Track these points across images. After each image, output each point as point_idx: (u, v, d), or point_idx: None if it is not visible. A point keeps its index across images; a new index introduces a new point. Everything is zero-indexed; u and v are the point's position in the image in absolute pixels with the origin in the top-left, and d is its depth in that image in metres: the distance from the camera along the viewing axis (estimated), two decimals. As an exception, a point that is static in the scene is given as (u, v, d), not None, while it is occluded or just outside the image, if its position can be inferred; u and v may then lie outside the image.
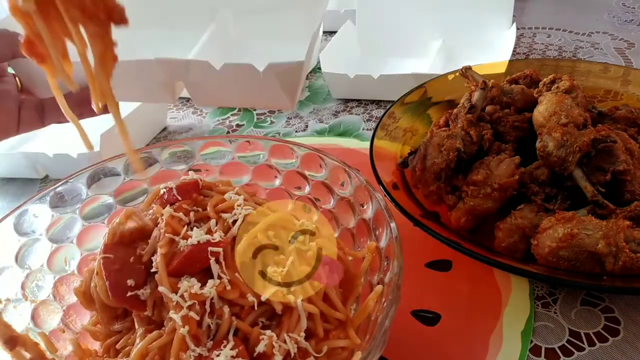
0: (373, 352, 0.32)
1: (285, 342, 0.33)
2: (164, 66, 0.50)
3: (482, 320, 0.45)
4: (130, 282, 0.36)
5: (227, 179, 0.50)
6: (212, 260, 0.35)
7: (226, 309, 0.34)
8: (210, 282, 0.34)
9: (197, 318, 0.33)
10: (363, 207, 0.44)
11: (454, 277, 0.50)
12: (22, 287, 0.42)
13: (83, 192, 0.49)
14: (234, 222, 0.39)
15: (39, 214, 0.46)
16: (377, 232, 0.41)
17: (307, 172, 0.50)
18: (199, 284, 0.34)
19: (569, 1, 1.17)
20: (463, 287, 0.48)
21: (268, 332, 0.34)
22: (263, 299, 0.34)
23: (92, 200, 0.49)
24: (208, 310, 0.33)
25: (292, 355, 0.33)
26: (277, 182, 0.51)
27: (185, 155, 0.52)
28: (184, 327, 0.32)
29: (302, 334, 0.34)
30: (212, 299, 0.34)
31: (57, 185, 0.47)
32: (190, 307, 0.33)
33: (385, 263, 0.38)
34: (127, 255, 0.37)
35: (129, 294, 0.36)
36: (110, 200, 0.50)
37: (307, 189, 0.50)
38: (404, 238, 0.38)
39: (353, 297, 0.40)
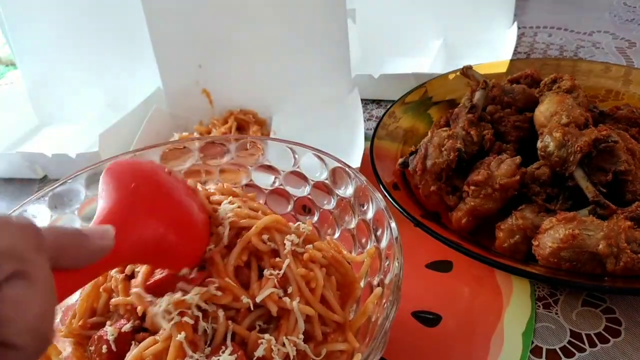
0: (373, 353, 0.31)
1: (284, 345, 0.33)
2: None
3: (483, 321, 0.45)
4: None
5: (227, 185, 0.49)
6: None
7: (221, 313, 0.33)
8: (195, 288, 0.34)
9: (192, 322, 0.32)
10: (363, 207, 0.44)
11: (455, 278, 0.50)
12: (21, 288, 0.42)
13: (82, 193, 0.48)
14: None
15: (38, 214, 0.46)
16: (378, 233, 0.41)
17: (307, 173, 0.49)
18: (181, 293, 0.33)
19: (570, 0, 1.16)
20: (464, 288, 0.48)
21: (266, 335, 0.33)
22: (258, 300, 0.34)
23: (91, 201, 0.49)
24: (200, 314, 0.33)
25: (292, 358, 0.33)
26: (277, 182, 0.51)
27: (184, 155, 0.52)
28: (180, 334, 0.32)
29: (301, 336, 0.34)
30: (205, 301, 0.33)
31: (55, 185, 0.47)
32: (182, 314, 0.32)
33: (386, 264, 0.38)
34: None
35: None
36: (109, 200, 0.49)
37: (307, 189, 0.50)
38: (404, 239, 0.38)
39: (352, 300, 0.39)
